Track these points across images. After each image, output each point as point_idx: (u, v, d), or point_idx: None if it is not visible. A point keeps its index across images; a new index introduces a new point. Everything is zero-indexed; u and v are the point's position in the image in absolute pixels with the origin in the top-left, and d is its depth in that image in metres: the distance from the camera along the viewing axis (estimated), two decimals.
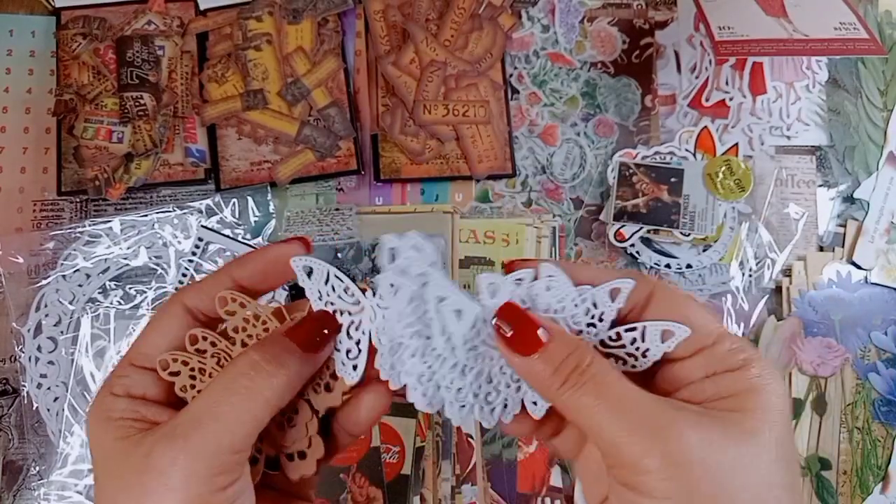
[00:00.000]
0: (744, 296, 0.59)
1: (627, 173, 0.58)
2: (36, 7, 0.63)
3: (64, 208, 0.60)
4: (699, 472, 0.24)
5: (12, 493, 0.55)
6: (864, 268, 0.59)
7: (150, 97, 0.59)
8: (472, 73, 0.61)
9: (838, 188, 0.61)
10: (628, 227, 0.58)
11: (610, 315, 0.28)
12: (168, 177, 0.59)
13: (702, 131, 0.59)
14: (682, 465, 0.24)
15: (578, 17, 0.63)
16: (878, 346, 0.58)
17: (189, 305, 0.29)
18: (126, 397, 0.28)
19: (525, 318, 0.27)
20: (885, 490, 0.56)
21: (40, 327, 0.56)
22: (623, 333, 0.28)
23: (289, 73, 0.60)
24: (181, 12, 0.62)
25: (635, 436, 0.24)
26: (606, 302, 0.28)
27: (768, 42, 0.54)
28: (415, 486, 0.55)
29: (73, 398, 0.55)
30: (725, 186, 0.57)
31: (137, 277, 0.57)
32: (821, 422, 0.57)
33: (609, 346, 0.29)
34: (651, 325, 0.28)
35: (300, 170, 0.59)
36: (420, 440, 0.55)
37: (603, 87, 0.62)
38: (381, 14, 0.62)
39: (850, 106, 0.62)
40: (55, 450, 0.54)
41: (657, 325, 0.28)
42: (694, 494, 0.24)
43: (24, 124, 0.61)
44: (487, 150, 0.60)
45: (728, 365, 0.26)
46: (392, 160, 0.60)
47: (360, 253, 0.59)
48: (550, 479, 0.56)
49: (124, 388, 0.28)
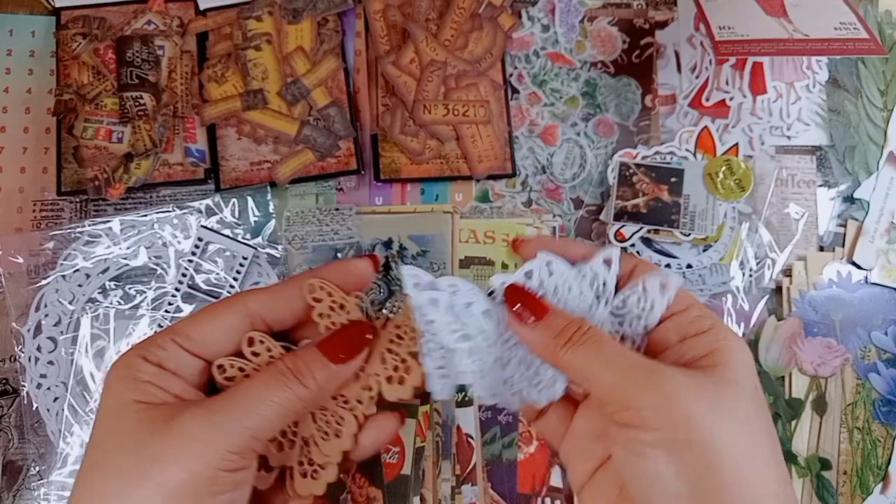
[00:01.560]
0: (744, 296, 0.59)
1: (627, 173, 0.58)
2: (36, 7, 0.63)
3: (64, 208, 0.59)
4: (689, 409, 0.27)
5: (12, 493, 0.55)
6: (864, 268, 0.59)
7: (150, 97, 0.59)
8: (472, 72, 0.61)
9: (838, 188, 0.61)
10: (628, 227, 0.58)
11: (612, 281, 0.32)
12: (168, 177, 0.59)
13: (702, 131, 0.59)
14: (674, 398, 0.27)
15: (578, 17, 0.63)
16: (878, 346, 0.58)
17: (252, 308, 0.31)
18: (156, 365, 0.29)
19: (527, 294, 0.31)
20: (885, 490, 0.56)
21: (40, 327, 0.56)
22: (628, 297, 0.32)
23: (289, 73, 0.60)
24: (181, 12, 0.62)
25: (630, 378, 0.28)
26: (604, 270, 0.32)
27: (768, 42, 0.54)
28: (415, 486, 0.55)
29: (73, 398, 0.55)
30: (726, 186, 0.57)
31: (137, 277, 0.57)
32: (821, 422, 0.57)
33: (618, 315, 0.32)
34: (649, 276, 0.31)
35: (300, 170, 0.59)
36: (420, 440, 0.55)
37: (603, 87, 0.62)
38: (381, 14, 0.62)
39: (850, 106, 0.62)
40: (55, 450, 0.54)
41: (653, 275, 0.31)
42: (688, 424, 0.27)
43: (23, 124, 0.61)
44: (487, 150, 0.60)
45: (698, 328, 0.30)
46: (392, 160, 0.60)
47: (360, 253, 0.59)
48: (550, 479, 0.56)
49: (158, 359, 0.29)
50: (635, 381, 0.28)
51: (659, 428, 0.27)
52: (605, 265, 0.32)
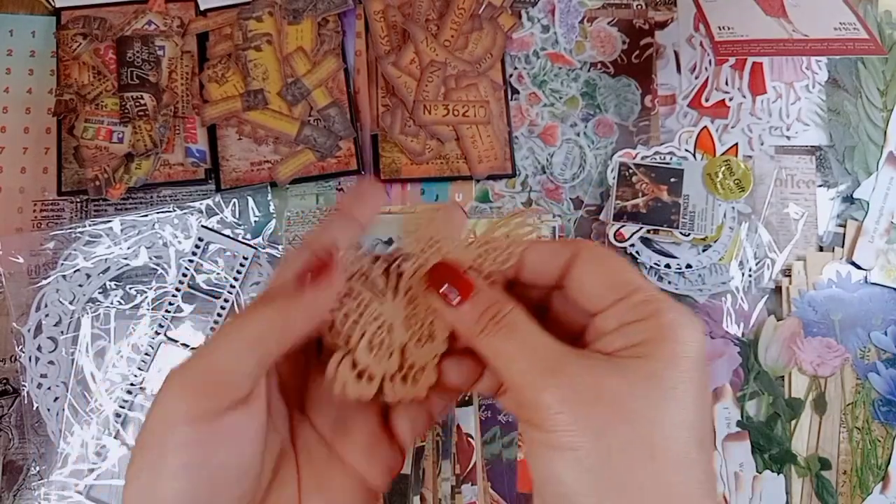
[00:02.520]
0: (744, 296, 0.59)
1: (627, 173, 0.58)
2: (36, 7, 0.63)
3: (64, 208, 0.60)
4: (589, 408, 0.24)
5: (12, 493, 0.55)
6: (863, 268, 0.59)
7: (151, 97, 0.59)
8: (472, 73, 0.61)
9: (838, 188, 0.61)
10: (628, 227, 0.58)
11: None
12: (168, 177, 0.59)
13: (702, 131, 0.59)
14: (572, 401, 0.25)
15: (578, 18, 0.63)
16: (877, 346, 0.58)
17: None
18: None
19: (455, 271, 0.29)
20: (885, 490, 0.56)
21: (40, 327, 0.56)
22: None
23: (289, 74, 0.60)
24: (181, 12, 0.62)
25: (534, 374, 0.25)
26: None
27: (768, 42, 0.54)
28: (415, 486, 0.55)
29: (73, 398, 0.55)
30: (725, 186, 0.57)
31: (138, 277, 0.57)
32: (821, 422, 0.57)
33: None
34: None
35: (300, 170, 0.59)
36: (420, 440, 0.55)
37: (603, 88, 0.62)
38: (381, 14, 0.62)
39: (849, 106, 0.62)
40: (55, 450, 0.54)
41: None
42: (583, 428, 0.24)
43: (24, 124, 0.61)
44: (487, 150, 0.60)
45: (638, 315, 0.26)
46: (392, 160, 0.60)
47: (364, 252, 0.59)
48: None
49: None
50: (537, 377, 0.25)
51: (556, 431, 0.24)
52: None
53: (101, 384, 0.55)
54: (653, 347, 0.25)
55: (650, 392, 0.25)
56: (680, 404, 0.25)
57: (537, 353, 0.26)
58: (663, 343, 0.25)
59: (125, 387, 0.55)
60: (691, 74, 0.62)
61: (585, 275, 0.28)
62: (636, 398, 0.25)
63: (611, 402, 0.24)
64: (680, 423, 0.25)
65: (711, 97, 0.61)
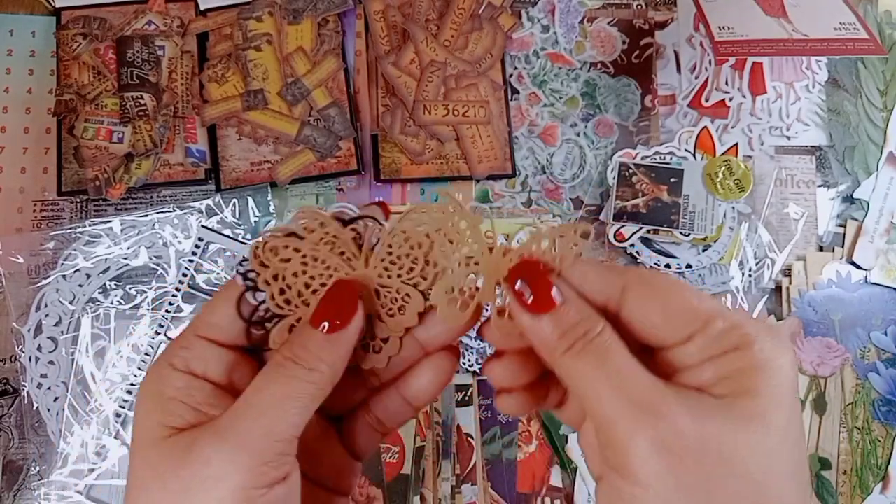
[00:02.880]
0: (743, 296, 0.59)
1: (627, 173, 0.58)
2: (36, 7, 0.63)
3: (64, 208, 0.60)
4: (691, 460, 0.22)
5: (12, 493, 0.55)
6: (863, 268, 0.59)
7: (151, 97, 0.59)
8: (472, 73, 0.61)
9: (838, 188, 0.61)
10: (628, 227, 0.58)
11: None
12: (168, 177, 0.59)
13: (701, 131, 0.59)
14: (672, 450, 0.22)
15: (578, 18, 0.63)
16: (877, 346, 0.58)
17: None
18: (185, 373, 0.27)
19: (543, 276, 0.26)
20: (884, 490, 0.56)
21: (40, 327, 0.56)
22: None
23: (289, 74, 0.60)
24: (181, 12, 0.62)
25: (626, 412, 0.23)
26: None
27: (768, 42, 0.54)
28: (415, 486, 0.55)
29: (73, 398, 0.55)
30: (725, 186, 0.57)
31: (138, 277, 0.57)
32: (821, 422, 0.57)
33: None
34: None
35: (300, 170, 0.59)
36: (420, 440, 0.55)
37: (603, 88, 0.62)
38: (381, 14, 0.62)
39: (849, 106, 0.62)
40: (55, 450, 0.54)
41: None
42: (682, 484, 0.22)
43: (24, 124, 0.61)
44: (487, 150, 0.60)
45: (725, 346, 0.24)
46: (392, 160, 0.60)
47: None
48: (550, 478, 0.56)
49: (185, 363, 0.27)
50: (631, 417, 0.22)
51: (644, 485, 0.22)
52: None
53: (101, 384, 0.55)
54: (751, 381, 0.23)
55: (762, 438, 0.22)
56: (790, 445, 0.23)
57: (632, 387, 0.23)
58: (762, 374, 0.23)
59: (125, 387, 0.55)
60: (691, 74, 0.62)
61: (646, 308, 0.25)
62: (746, 446, 0.22)
63: (717, 452, 0.22)
64: (792, 472, 0.23)
65: (711, 97, 0.61)
